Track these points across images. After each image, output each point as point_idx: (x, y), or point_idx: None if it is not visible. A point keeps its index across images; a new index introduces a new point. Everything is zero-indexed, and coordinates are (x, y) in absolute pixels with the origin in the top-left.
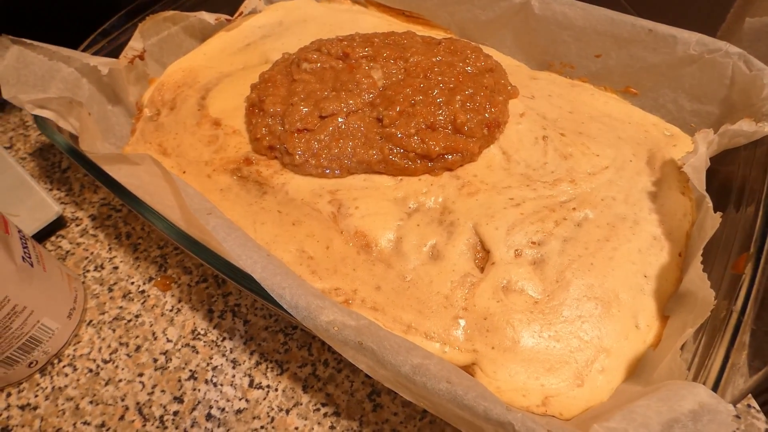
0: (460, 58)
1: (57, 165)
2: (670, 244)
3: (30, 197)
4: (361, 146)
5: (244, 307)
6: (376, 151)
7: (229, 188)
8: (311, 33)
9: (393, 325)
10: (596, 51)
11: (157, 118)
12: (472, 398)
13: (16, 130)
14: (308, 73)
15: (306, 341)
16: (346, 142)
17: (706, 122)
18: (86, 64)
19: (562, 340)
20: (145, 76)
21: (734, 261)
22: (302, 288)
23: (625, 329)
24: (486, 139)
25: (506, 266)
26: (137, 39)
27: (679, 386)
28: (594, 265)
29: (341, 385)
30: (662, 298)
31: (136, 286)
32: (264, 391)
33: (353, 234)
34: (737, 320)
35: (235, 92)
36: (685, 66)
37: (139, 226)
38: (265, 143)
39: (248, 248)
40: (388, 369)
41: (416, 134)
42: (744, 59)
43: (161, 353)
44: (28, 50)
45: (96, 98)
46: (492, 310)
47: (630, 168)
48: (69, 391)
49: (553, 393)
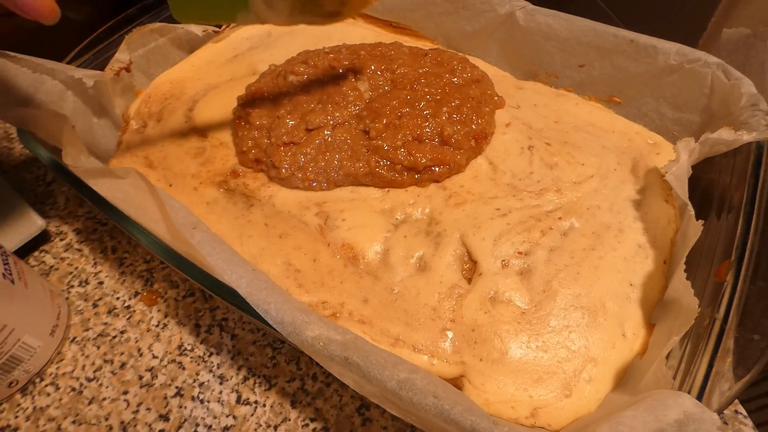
0: (446, 69)
1: (42, 178)
2: (655, 251)
3: (13, 211)
4: (348, 159)
5: (231, 321)
6: (362, 163)
7: (216, 201)
8: (299, 44)
9: (381, 337)
10: (580, 61)
11: (143, 131)
12: (458, 412)
13: (0, 143)
14: (295, 86)
15: (294, 355)
16: (333, 155)
17: (687, 131)
18: (71, 77)
19: (549, 351)
20: (131, 88)
21: (716, 268)
22: (288, 303)
23: (612, 338)
24: (473, 151)
25: (493, 277)
26: (123, 51)
27: (665, 396)
28: (580, 274)
29: (330, 399)
30: (648, 306)
31: (122, 302)
32: (252, 407)
33: (340, 246)
34: (720, 328)
35: (222, 104)
36: (666, 75)
37: (125, 240)
38: (252, 156)
39: (233, 263)
40: (375, 384)
41: (403, 146)
42: (723, 69)
43: (147, 370)
44: (11, 63)
45: (81, 111)
46: (480, 322)
47: (614, 176)
48: (51, 411)
49: (542, 404)
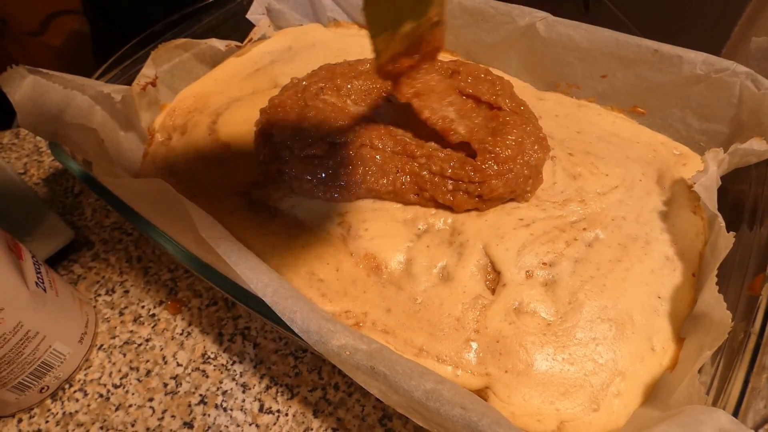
0: (488, 93)
1: (70, 190)
2: (683, 264)
3: (43, 222)
4: (372, 174)
5: (254, 330)
6: (387, 180)
7: (239, 211)
8: (319, 58)
9: (404, 348)
10: (602, 71)
11: (168, 143)
12: (486, 425)
13: (30, 156)
14: (325, 102)
15: (316, 364)
16: (356, 169)
17: (715, 141)
18: (100, 92)
19: (576, 363)
20: (156, 102)
21: (750, 282)
22: (313, 312)
23: (641, 351)
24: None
25: (517, 287)
26: (150, 66)
27: (699, 411)
28: (606, 286)
29: (352, 409)
30: (677, 319)
31: (147, 310)
32: (274, 416)
33: (363, 256)
34: (756, 343)
35: (245, 116)
36: (692, 86)
37: (150, 249)
38: (273, 167)
39: (259, 272)
40: (401, 394)
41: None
42: (752, 78)
43: (171, 377)
44: (44, 79)
45: (109, 124)
46: (504, 333)
47: (640, 187)
48: (80, 417)
49: (569, 418)
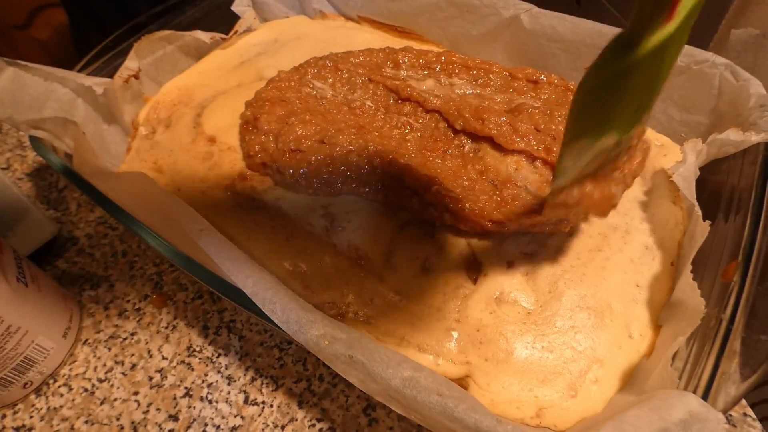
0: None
1: (54, 185)
2: (662, 253)
3: (26, 217)
4: (355, 180)
5: (239, 322)
6: (368, 189)
7: (223, 204)
8: (306, 50)
9: (386, 338)
10: (586, 63)
11: (152, 137)
12: (462, 411)
13: (14, 150)
14: (313, 98)
15: (301, 356)
16: (339, 171)
17: (695, 132)
18: (81, 85)
19: (555, 351)
20: (140, 95)
21: (723, 269)
22: (294, 302)
23: (619, 339)
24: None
25: (498, 277)
26: (132, 59)
27: (670, 395)
28: (586, 275)
29: (336, 399)
30: (655, 307)
31: (132, 304)
32: (259, 407)
33: (346, 248)
34: (726, 328)
35: (230, 109)
36: (674, 77)
37: (135, 243)
38: (258, 160)
39: (240, 263)
40: (378, 382)
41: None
42: (731, 69)
43: (156, 371)
44: (23, 71)
45: (91, 117)
46: (485, 322)
47: None
48: (64, 411)
49: (547, 404)
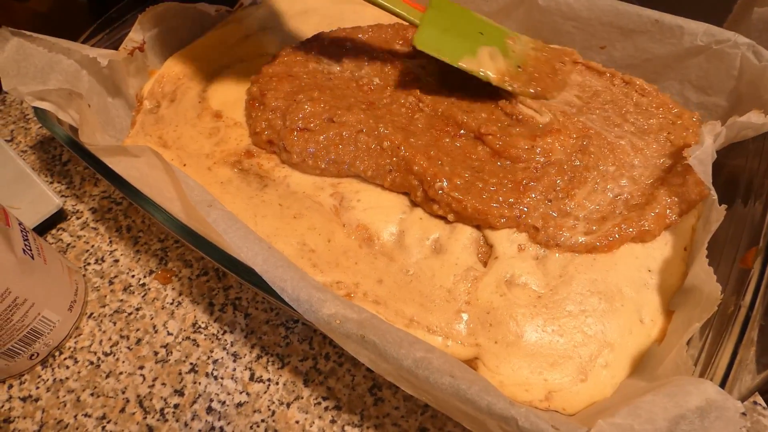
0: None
1: (58, 158)
2: (674, 237)
3: (31, 190)
4: (363, 162)
5: (245, 300)
6: (376, 173)
7: (230, 181)
8: (313, 25)
9: (395, 318)
10: (601, 42)
11: (157, 111)
12: (475, 392)
13: (17, 123)
14: (321, 74)
15: (307, 335)
16: (346, 149)
17: (713, 114)
18: (86, 56)
19: (565, 335)
20: (145, 68)
21: (742, 255)
22: (304, 281)
23: (629, 324)
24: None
25: (509, 260)
26: (137, 30)
27: (686, 382)
28: (597, 260)
29: (342, 378)
30: (667, 292)
31: (137, 279)
32: (265, 384)
33: (355, 227)
34: (745, 316)
35: (236, 84)
36: (692, 57)
37: (139, 219)
38: (264, 137)
39: (249, 241)
40: (390, 362)
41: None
42: (753, 50)
43: (162, 346)
44: (28, 42)
45: (96, 90)
46: (495, 305)
47: None
48: (70, 383)
49: (557, 388)
